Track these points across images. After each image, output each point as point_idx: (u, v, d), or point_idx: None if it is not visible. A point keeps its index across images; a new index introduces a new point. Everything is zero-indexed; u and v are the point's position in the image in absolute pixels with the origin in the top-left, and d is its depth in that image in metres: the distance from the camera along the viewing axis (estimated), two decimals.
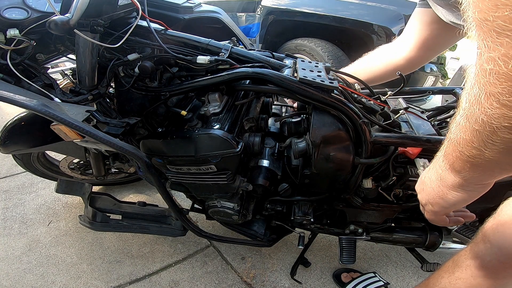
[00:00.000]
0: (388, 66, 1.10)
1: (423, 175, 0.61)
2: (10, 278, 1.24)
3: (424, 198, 0.60)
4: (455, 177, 0.49)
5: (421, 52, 1.03)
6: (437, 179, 0.54)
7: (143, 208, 1.24)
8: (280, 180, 0.97)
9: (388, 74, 1.12)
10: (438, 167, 0.53)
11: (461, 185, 0.50)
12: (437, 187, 0.54)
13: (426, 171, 0.59)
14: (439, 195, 0.54)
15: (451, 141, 0.47)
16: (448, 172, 0.50)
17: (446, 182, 0.51)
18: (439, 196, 0.54)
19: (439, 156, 0.53)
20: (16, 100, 0.68)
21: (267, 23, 2.96)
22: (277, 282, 1.27)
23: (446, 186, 0.52)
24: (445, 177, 0.51)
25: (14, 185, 1.74)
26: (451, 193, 0.52)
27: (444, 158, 0.50)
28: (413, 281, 1.30)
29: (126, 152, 0.82)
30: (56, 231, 1.46)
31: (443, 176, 0.51)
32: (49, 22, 0.73)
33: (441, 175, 0.52)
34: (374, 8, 2.43)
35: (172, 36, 0.94)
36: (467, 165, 0.45)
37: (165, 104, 0.95)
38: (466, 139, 0.41)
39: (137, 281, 1.25)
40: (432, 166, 0.57)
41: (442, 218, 0.61)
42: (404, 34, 1.08)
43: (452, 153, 0.47)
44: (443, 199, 0.54)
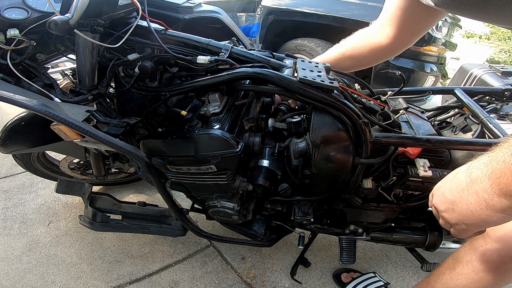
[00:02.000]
0: (373, 50, 1.03)
1: (448, 192, 0.56)
2: (10, 278, 1.24)
3: (455, 219, 0.56)
4: (506, 201, 0.46)
5: (404, 36, 0.98)
6: (480, 203, 0.49)
7: (143, 208, 1.24)
8: (280, 180, 0.97)
9: (373, 59, 1.08)
10: (482, 191, 0.49)
11: (510, 208, 0.47)
12: (481, 211, 0.50)
13: (457, 191, 0.54)
14: (482, 218, 0.50)
15: (503, 164, 0.44)
16: (497, 197, 0.47)
17: (494, 207, 0.48)
18: (481, 219, 0.50)
19: (479, 177, 0.49)
20: (16, 100, 0.68)
21: (267, 23, 2.96)
22: (277, 282, 1.27)
23: (494, 210, 0.48)
24: (492, 201, 0.48)
25: (14, 185, 1.74)
26: (497, 215, 0.48)
27: (492, 182, 0.47)
28: (413, 281, 1.30)
29: (126, 152, 0.82)
30: (56, 231, 1.46)
31: (490, 200, 0.48)
32: (49, 22, 0.73)
33: (487, 200, 0.48)
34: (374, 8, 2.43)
35: (172, 36, 0.94)
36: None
37: (165, 104, 0.95)
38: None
39: (137, 281, 1.25)
40: (467, 187, 0.51)
41: (471, 234, 0.58)
42: (383, 18, 1.02)
43: (504, 178, 0.44)
44: (485, 221, 0.50)
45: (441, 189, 0.59)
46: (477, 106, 0.96)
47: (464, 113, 1.04)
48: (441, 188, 0.58)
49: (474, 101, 1.00)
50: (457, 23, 2.82)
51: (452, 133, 0.99)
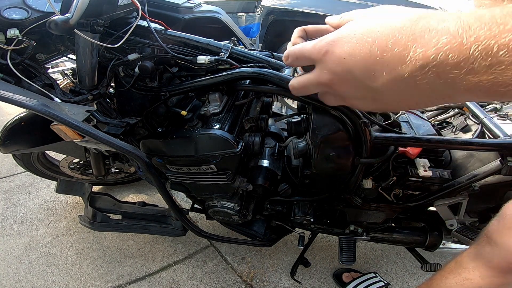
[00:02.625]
0: None
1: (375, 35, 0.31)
2: (10, 277, 1.24)
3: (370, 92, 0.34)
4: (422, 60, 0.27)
5: None
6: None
7: (143, 208, 1.24)
8: (280, 180, 0.97)
9: None
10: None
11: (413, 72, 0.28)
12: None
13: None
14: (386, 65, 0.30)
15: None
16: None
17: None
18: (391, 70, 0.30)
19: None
20: (16, 100, 0.68)
21: (267, 23, 2.96)
22: (277, 282, 1.27)
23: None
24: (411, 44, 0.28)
25: (14, 185, 1.74)
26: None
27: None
28: (413, 281, 1.30)
29: (126, 152, 0.82)
30: (56, 231, 1.46)
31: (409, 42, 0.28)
32: (49, 22, 0.73)
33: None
34: None
35: (172, 36, 0.94)
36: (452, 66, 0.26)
37: (165, 104, 0.95)
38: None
39: (137, 281, 1.25)
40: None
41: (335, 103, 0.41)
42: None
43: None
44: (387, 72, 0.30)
45: (353, 32, 0.33)
46: (477, 106, 0.96)
47: (464, 113, 1.04)
48: (354, 30, 0.33)
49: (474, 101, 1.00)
50: None
51: (452, 133, 0.99)
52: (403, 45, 0.29)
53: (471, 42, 0.25)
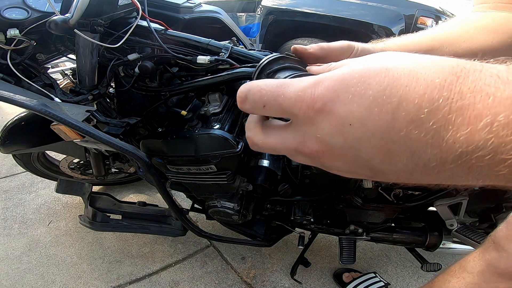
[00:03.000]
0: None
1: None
2: (10, 278, 1.24)
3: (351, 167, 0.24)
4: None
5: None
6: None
7: (143, 208, 1.24)
8: (280, 180, 0.97)
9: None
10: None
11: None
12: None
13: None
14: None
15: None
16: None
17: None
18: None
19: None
20: (16, 100, 0.68)
21: (267, 23, 2.96)
22: (277, 282, 1.27)
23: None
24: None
25: (14, 185, 1.74)
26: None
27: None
28: (413, 281, 1.30)
29: (126, 152, 0.82)
30: (56, 231, 1.46)
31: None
32: (49, 22, 0.73)
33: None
34: (374, 8, 2.44)
35: (172, 36, 0.94)
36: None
37: (165, 104, 0.95)
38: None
39: (137, 281, 1.25)
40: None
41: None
42: None
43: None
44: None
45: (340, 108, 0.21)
46: None
47: None
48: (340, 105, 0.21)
49: None
50: None
51: None
52: (444, 118, 0.18)
53: None
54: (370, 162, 0.21)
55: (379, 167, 0.21)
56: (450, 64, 0.19)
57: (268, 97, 0.23)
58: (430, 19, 2.43)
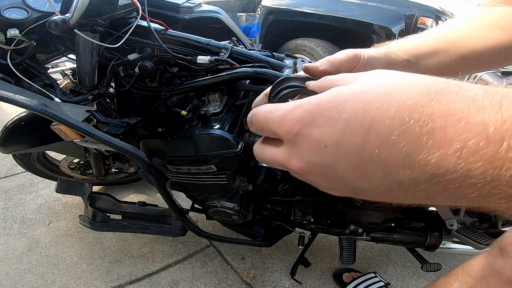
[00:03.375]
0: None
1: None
2: (10, 278, 1.24)
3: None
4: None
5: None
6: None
7: (143, 208, 1.24)
8: (280, 180, 0.97)
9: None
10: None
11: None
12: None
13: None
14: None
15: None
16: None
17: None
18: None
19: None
20: (16, 100, 0.68)
21: (267, 23, 2.96)
22: (277, 282, 1.27)
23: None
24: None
25: (14, 185, 1.74)
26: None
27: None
28: (413, 281, 1.30)
29: (126, 152, 0.82)
30: (56, 231, 1.46)
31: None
32: (49, 22, 0.73)
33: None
34: (374, 8, 2.44)
35: (172, 36, 0.94)
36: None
37: (165, 104, 0.95)
38: None
39: (137, 281, 1.25)
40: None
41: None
42: None
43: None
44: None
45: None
46: None
47: None
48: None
49: None
50: None
51: None
52: (415, 140, 0.18)
53: (510, 157, 0.16)
54: (348, 181, 0.23)
55: (358, 184, 0.23)
56: (426, 84, 0.20)
57: (263, 122, 0.26)
58: (430, 19, 2.43)
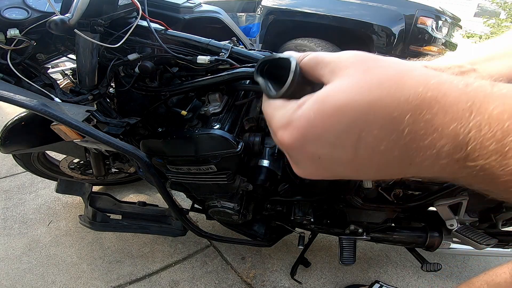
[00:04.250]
0: None
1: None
2: (10, 278, 1.24)
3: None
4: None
5: None
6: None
7: (143, 208, 1.24)
8: (280, 180, 0.97)
9: None
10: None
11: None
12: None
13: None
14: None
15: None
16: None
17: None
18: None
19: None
20: (16, 100, 0.68)
21: (267, 23, 2.96)
22: (277, 282, 1.27)
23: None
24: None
25: (14, 185, 1.74)
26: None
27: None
28: (413, 281, 1.30)
29: (126, 152, 0.82)
30: (56, 231, 1.46)
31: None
32: (49, 22, 0.73)
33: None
34: (374, 8, 2.44)
35: (172, 36, 0.94)
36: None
37: (165, 104, 0.95)
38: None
39: (137, 281, 1.25)
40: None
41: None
42: None
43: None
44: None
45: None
46: None
47: None
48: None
49: None
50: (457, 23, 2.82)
51: None
52: (401, 147, 0.21)
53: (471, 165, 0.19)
54: (343, 175, 0.25)
55: (352, 176, 0.25)
56: (409, 92, 0.20)
57: (267, 119, 0.28)
58: (430, 19, 2.44)
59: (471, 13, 8.62)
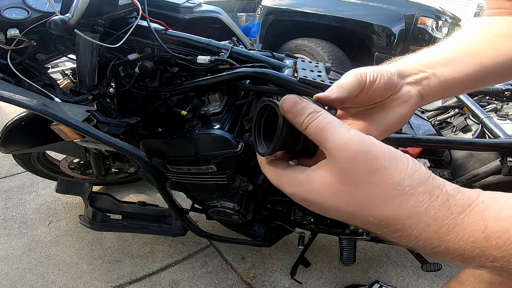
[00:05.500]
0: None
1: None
2: (10, 277, 1.24)
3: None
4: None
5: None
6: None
7: (143, 208, 1.24)
8: None
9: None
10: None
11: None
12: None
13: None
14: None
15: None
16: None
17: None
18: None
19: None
20: (16, 100, 0.68)
21: (267, 23, 2.96)
22: (277, 282, 1.27)
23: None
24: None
25: (15, 185, 1.74)
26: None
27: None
28: (413, 281, 1.30)
29: (126, 152, 0.82)
30: (56, 231, 1.46)
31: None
32: (49, 22, 0.73)
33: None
34: (374, 8, 2.44)
35: (172, 36, 0.94)
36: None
37: (165, 104, 0.95)
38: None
39: (137, 281, 1.25)
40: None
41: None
42: None
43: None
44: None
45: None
46: (477, 106, 0.96)
47: (464, 113, 1.04)
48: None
49: (474, 101, 1.00)
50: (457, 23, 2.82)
51: (452, 133, 0.99)
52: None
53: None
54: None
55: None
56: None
57: (275, 182, 0.34)
58: (430, 19, 2.44)
59: (471, 13, 8.63)
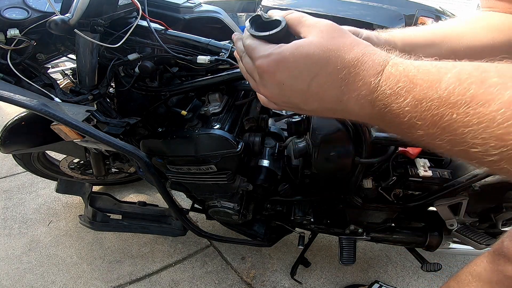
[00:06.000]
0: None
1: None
2: (10, 277, 1.24)
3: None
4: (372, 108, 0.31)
5: None
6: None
7: (143, 208, 1.24)
8: (280, 180, 0.97)
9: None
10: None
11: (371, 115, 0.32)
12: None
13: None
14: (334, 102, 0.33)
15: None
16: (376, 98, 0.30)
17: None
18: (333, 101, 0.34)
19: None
20: (16, 100, 0.68)
21: None
22: (277, 282, 1.27)
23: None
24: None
25: (15, 185, 1.74)
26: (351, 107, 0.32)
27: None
28: (413, 281, 1.30)
29: (126, 152, 0.82)
30: (56, 231, 1.46)
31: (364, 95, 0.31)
32: (49, 22, 0.73)
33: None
34: (374, 8, 2.44)
35: (172, 36, 0.94)
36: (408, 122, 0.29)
37: (165, 104, 0.96)
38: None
39: (137, 281, 1.25)
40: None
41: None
42: None
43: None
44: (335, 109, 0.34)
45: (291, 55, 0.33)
46: None
47: None
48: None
49: None
50: None
51: None
52: (339, 87, 0.32)
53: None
54: (295, 103, 0.36)
55: (301, 106, 0.36)
56: (351, 56, 0.31)
57: (247, 51, 0.37)
58: (430, 19, 2.44)
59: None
